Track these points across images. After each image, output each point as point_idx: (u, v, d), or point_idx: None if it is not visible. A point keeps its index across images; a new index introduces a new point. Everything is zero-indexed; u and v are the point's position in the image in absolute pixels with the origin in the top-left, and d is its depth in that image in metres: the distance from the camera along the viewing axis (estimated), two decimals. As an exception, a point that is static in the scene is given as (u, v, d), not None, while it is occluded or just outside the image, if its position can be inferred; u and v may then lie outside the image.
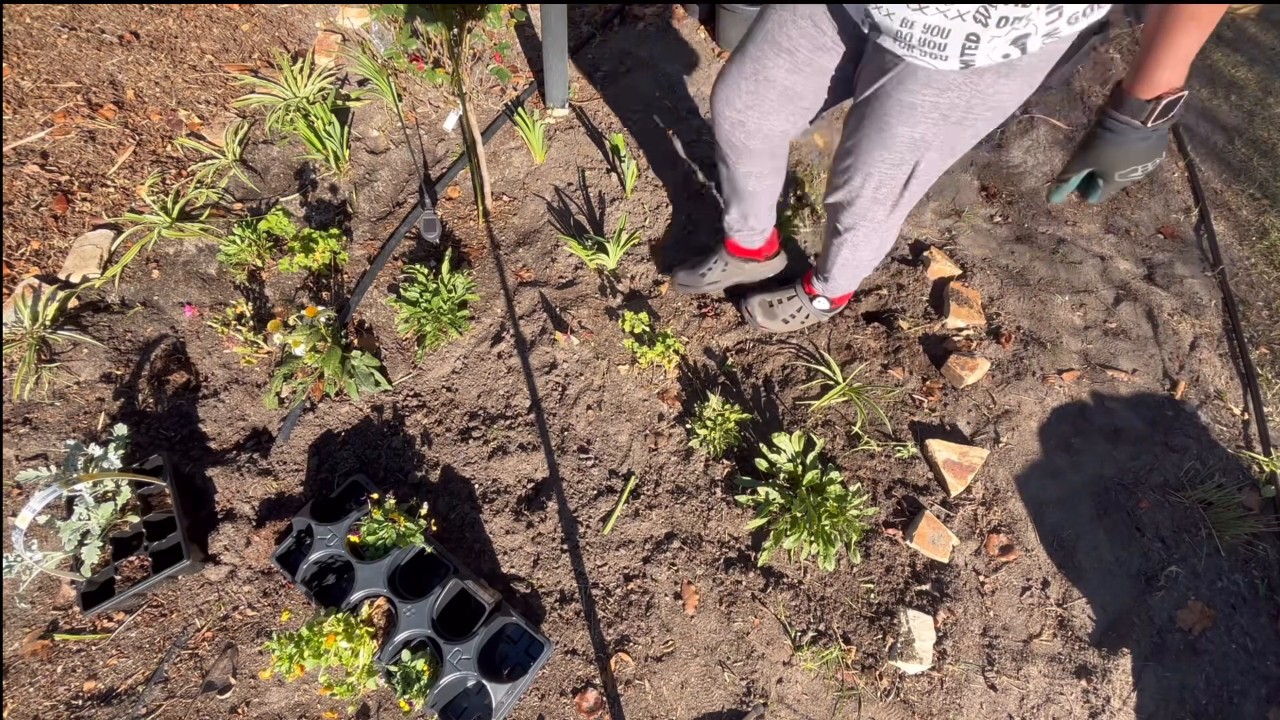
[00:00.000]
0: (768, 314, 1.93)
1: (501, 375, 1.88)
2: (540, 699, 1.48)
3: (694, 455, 1.78)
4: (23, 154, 2.01)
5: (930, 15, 0.97)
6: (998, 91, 1.08)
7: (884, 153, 1.26)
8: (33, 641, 1.47)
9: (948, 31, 0.98)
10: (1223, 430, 1.95)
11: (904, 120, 1.17)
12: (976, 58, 1.00)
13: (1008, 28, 0.95)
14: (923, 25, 0.99)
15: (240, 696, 1.45)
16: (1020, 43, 0.98)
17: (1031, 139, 2.53)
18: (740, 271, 1.92)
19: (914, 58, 1.06)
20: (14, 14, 2.22)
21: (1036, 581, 1.69)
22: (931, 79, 1.08)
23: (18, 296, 1.78)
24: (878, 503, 1.75)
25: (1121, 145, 1.01)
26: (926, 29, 1.00)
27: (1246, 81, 2.93)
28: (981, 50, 0.99)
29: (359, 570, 1.46)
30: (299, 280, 1.98)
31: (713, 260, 1.93)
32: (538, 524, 1.67)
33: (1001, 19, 0.94)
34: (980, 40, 0.97)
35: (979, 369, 1.90)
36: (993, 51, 0.99)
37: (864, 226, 1.49)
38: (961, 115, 1.13)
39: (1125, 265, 2.26)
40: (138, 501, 1.56)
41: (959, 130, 1.17)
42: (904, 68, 1.10)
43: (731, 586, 1.62)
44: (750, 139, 1.45)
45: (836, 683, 1.54)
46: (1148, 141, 1.00)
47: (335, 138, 2.13)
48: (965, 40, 0.98)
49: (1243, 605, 1.70)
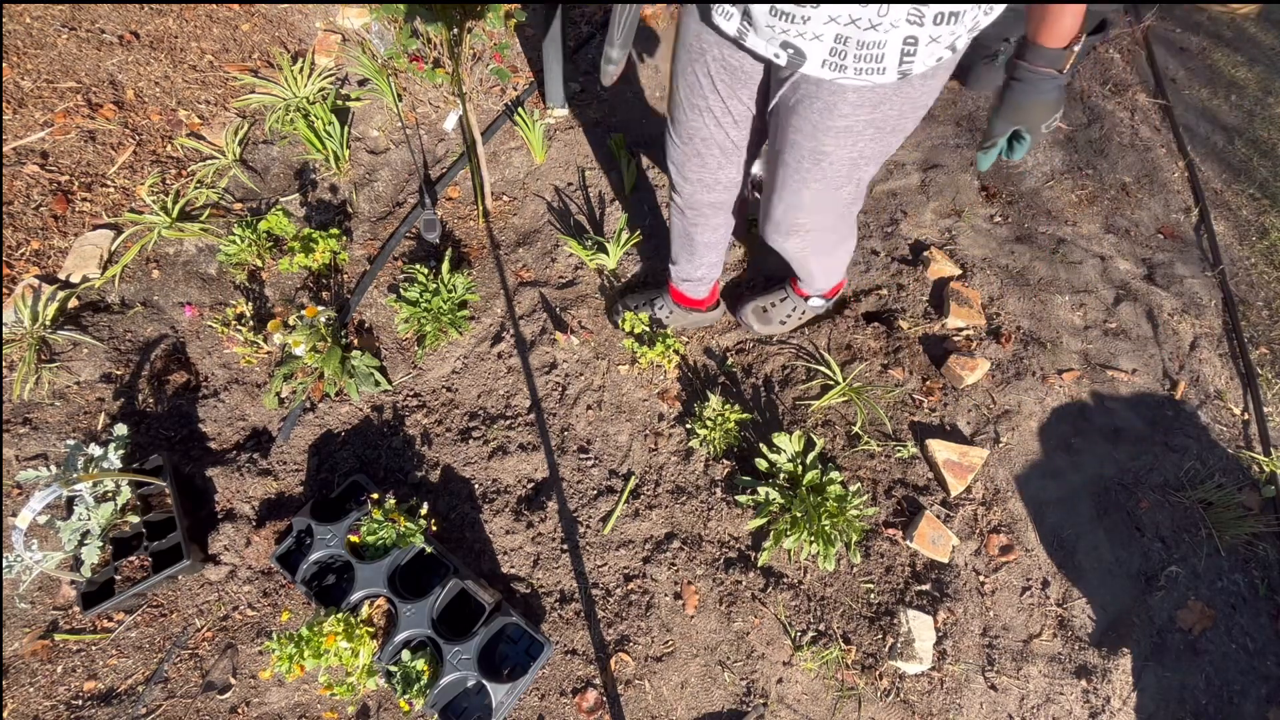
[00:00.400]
0: (763, 319, 1.91)
1: (501, 375, 1.88)
2: (540, 699, 1.48)
3: (694, 455, 1.78)
4: (23, 154, 2.01)
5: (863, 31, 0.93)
6: (926, 92, 1.07)
7: (822, 182, 1.22)
8: (33, 641, 1.47)
9: (883, 43, 0.94)
10: (1223, 430, 1.95)
11: (841, 144, 1.13)
12: (914, 64, 0.98)
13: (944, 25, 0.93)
14: (857, 41, 0.95)
15: (240, 696, 1.45)
16: (953, 44, 0.97)
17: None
18: (684, 319, 1.90)
19: (848, 78, 1.01)
20: (14, 14, 2.22)
21: (1036, 581, 1.69)
22: (864, 98, 1.04)
23: (18, 296, 1.78)
24: (878, 503, 1.75)
25: (1039, 95, 1.01)
26: (861, 44, 0.95)
27: (1246, 81, 2.93)
28: (919, 55, 0.97)
29: (359, 570, 1.46)
30: (299, 280, 1.98)
31: (659, 302, 1.89)
32: (538, 524, 1.67)
33: (939, 15, 0.92)
34: (918, 43, 0.95)
35: (979, 369, 1.90)
36: (929, 56, 0.97)
37: (820, 242, 1.46)
38: (895, 124, 1.11)
39: (1125, 265, 2.26)
40: (138, 501, 1.56)
41: (894, 136, 1.15)
42: (833, 92, 1.04)
43: (731, 586, 1.62)
44: (710, 191, 1.45)
45: (836, 683, 1.54)
46: (1060, 89, 1.01)
47: (335, 138, 2.13)
48: (903, 46, 0.95)
49: (1243, 605, 1.70)
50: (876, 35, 0.93)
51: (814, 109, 1.09)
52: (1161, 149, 2.60)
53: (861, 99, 1.04)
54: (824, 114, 1.08)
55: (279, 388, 1.75)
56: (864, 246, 2.18)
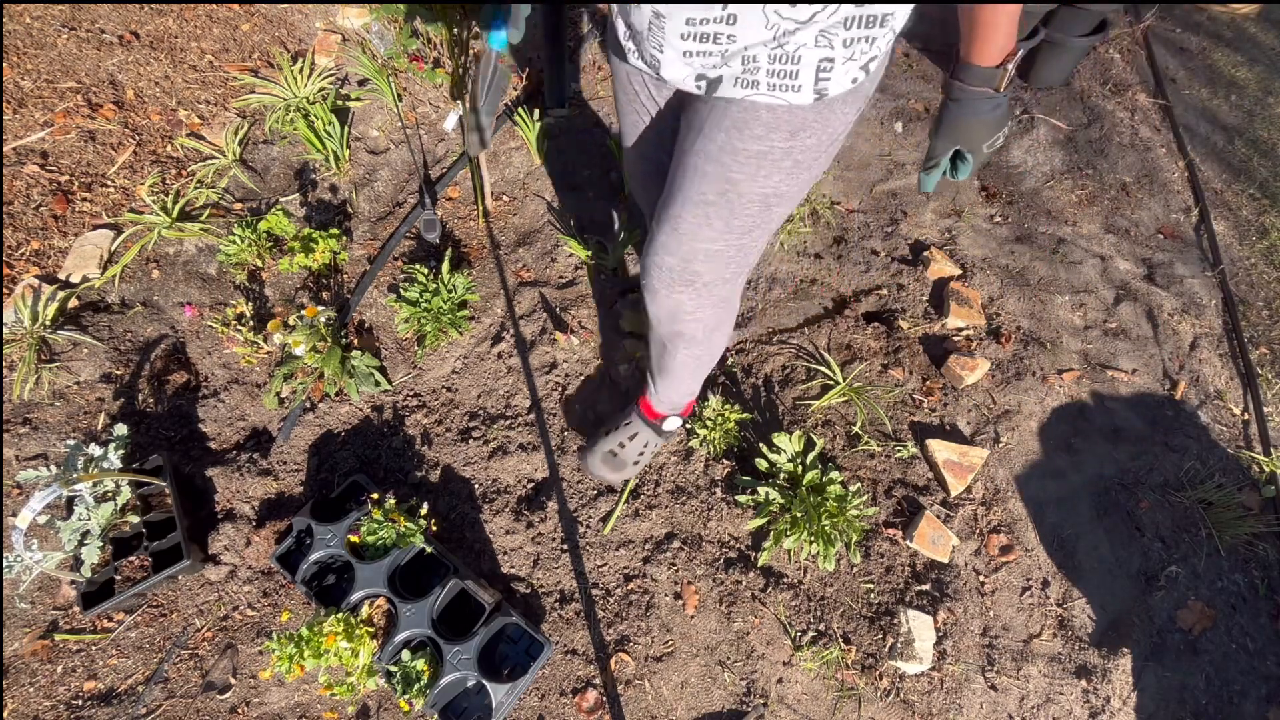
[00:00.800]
0: (614, 465, 1.63)
1: (501, 375, 1.88)
2: (540, 699, 1.48)
3: (694, 455, 1.78)
4: (23, 154, 2.01)
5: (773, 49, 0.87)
6: (844, 119, 0.98)
7: (727, 221, 1.04)
8: (33, 641, 1.47)
9: (799, 58, 0.87)
10: (1223, 430, 1.95)
11: (753, 175, 0.98)
12: (831, 83, 0.90)
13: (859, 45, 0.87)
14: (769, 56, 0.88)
15: (240, 696, 1.45)
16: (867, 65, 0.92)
17: (1032, 139, 2.53)
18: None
19: (761, 94, 0.92)
20: (14, 14, 2.22)
21: (1036, 581, 1.69)
22: (780, 119, 0.94)
23: (18, 296, 1.78)
24: (878, 503, 1.75)
25: (978, 115, 0.96)
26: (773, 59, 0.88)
27: (1246, 81, 2.93)
28: (836, 75, 0.89)
29: (359, 570, 1.46)
30: (299, 280, 1.98)
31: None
32: (538, 524, 1.67)
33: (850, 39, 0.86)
34: (834, 63, 0.88)
35: (979, 369, 1.90)
36: (846, 75, 0.90)
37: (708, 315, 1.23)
38: (812, 158, 1.00)
39: (1125, 265, 2.26)
40: (138, 501, 1.56)
41: (809, 173, 1.02)
42: (744, 110, 0.94)
43: (731, 586, 1.62)
44: None
45: (836, 683, 1.54)
46: (1001, 108, 0.97)
47: (335, 138, 2.13)
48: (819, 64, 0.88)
49: (1243, 605, 1.70)
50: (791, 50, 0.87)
51: (722, 128, 0.96)
52: (1161, 149, 2.60)
53: (776, 120, 0.94)
54: (733, 133, 0.96)
55: (279, 388, 1.75)
56: (864, 246, 2.18)
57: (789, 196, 1.04)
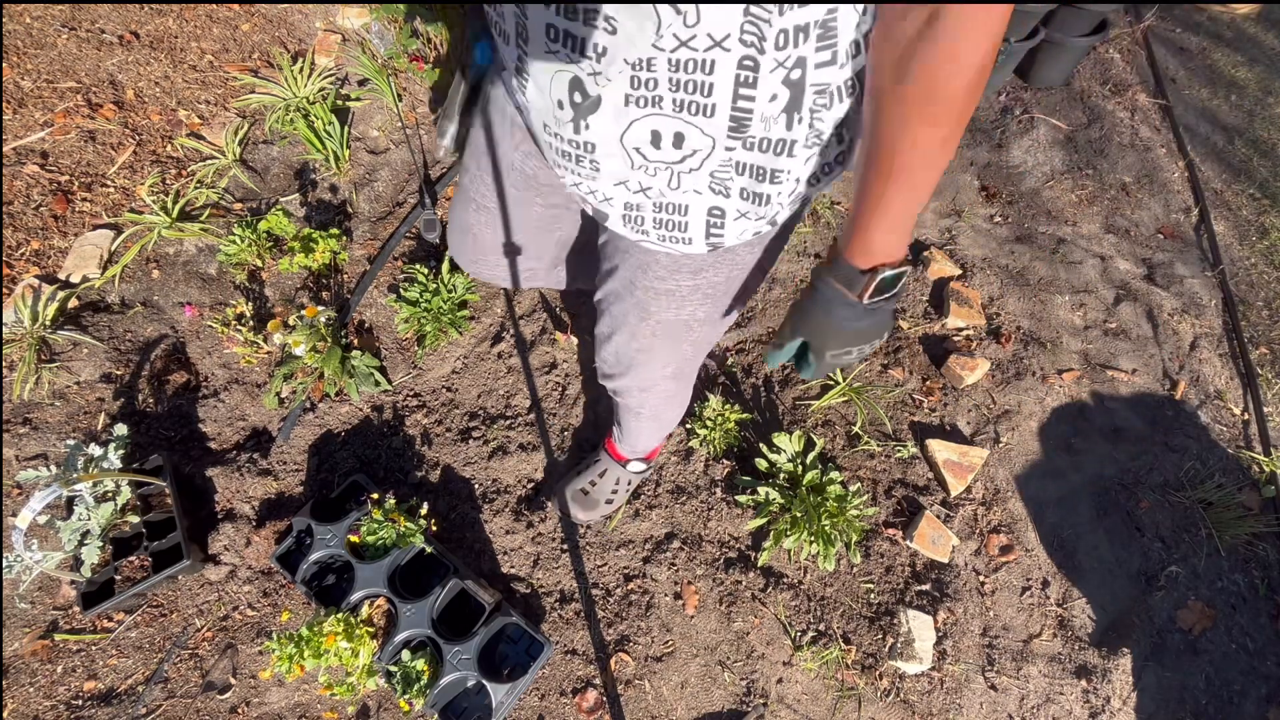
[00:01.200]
0: (586, 505, 1.64)
1: (501, 375, 1.88)
2: (540, 699, 1.48)
3: (694, 455, 1.78)
4: (23, 154, 2.01)
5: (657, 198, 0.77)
6: (756, 255, 0.89)
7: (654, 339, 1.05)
8: (33, 641, 1.47)
9: (685, 208, 0.77)
10: (1223, 430, 1.95)
11: (665, 308, 0.95)
12: (724, 237, 0.80)
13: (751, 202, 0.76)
14: (653, 205, 0.78)
15: (240, 696, 1.45)
16: (773, 219, 0.80)
17: (1031, 139, 2.53)
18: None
19: (651, 243, 0.84)
20: (14, 14, 2.22)
21: (1036, 581, 1.69)
22: (680, 264, 0.87)
23: (18, 296, 1.78)
24: (878, 503, 1.75)
25: (830, 317, 0.74)
26: (659, 207, 0.78)
27: (1246, 81, 2.93)
28: (729, 229, 0.79)
29: (359, 570, 1.46)
30: (299, 280, 1.98)
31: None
32: (538, 524, 1.67)
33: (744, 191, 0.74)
34: (725, 215, 0.77)
35: (979, 369, 1.91)
36: (743, 231, 0.80)
37: (657, 396, 1.25)
38: (725, 289, 0.93)
39: (1125, 265, 2.26)
40: (138, 501, 1.56)
41: (727, 298, 0.96)
42: (645, 252, 0.87)
43: (731, 586, 1.62)
44: None
45: (836, 683, 1.54)
46: (863, 321, 0.74)
47: (335, 138, 2.13)
48: (708, 216, 0.78)
49: (1243, 605, 1.70)
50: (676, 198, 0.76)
51: (629, 264, 0.92)
52: (1161, 149, 2.60)
53: (677, 264, 0.86)
54: (639, 271, 0.91)
55: (279, 388, 1.75)
56: (864, 246, 2.18)
57: (708, 320, 0.99)
